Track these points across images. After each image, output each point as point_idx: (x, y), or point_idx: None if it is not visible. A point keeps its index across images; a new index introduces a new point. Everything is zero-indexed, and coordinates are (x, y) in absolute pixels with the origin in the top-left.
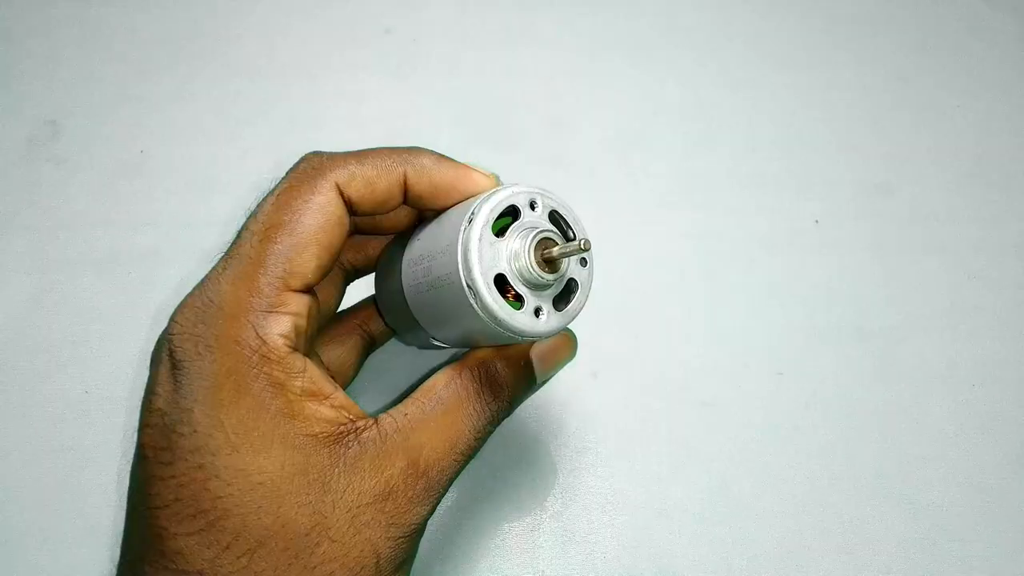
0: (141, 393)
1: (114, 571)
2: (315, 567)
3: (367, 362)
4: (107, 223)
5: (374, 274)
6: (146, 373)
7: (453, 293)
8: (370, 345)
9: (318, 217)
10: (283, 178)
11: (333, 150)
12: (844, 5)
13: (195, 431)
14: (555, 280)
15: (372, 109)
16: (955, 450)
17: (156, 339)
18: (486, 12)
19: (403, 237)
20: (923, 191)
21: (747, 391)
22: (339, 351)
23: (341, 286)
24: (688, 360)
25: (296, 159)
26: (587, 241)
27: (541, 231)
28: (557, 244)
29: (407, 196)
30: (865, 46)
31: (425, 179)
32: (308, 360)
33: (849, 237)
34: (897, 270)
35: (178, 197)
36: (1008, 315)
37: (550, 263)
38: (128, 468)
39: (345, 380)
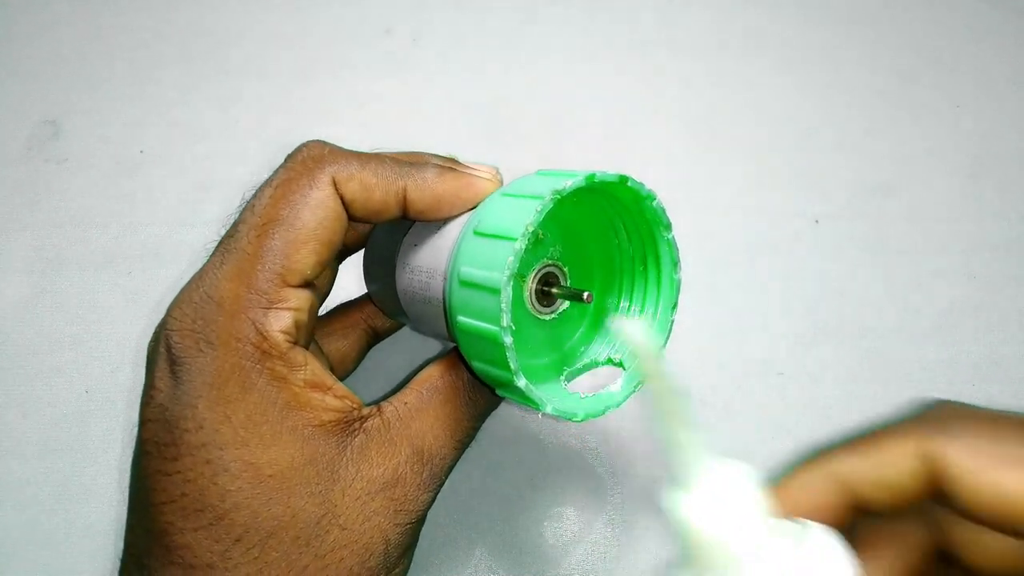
0: (140, 392)
1: (116, 570)
2: (326, 554)
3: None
4: (107, 223)
5: (363, 252)
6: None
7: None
8: (374, 338)
9: (317, 212)
10: (281, 166)
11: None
12: (844, 5)
13: (201, 427)
14: (549, 314)
15: (372, 109)
16: None
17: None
18: (486, 12)
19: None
20: (923, 191)
21: (746, 391)
22: (341, 344)
23: (334, 266)
24: (687, 360)
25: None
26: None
27: (546, 264)
28: (559, 279)
29: (407, 210)
30: (865, 46)
31: (427, 194)
32: (308, 353)
33: (849, 237)
34: (897, 270)
35: (178, 197)
36: (1008, 315)
37: (547, 296)
38: (129, 464)
39: (345, 371)
